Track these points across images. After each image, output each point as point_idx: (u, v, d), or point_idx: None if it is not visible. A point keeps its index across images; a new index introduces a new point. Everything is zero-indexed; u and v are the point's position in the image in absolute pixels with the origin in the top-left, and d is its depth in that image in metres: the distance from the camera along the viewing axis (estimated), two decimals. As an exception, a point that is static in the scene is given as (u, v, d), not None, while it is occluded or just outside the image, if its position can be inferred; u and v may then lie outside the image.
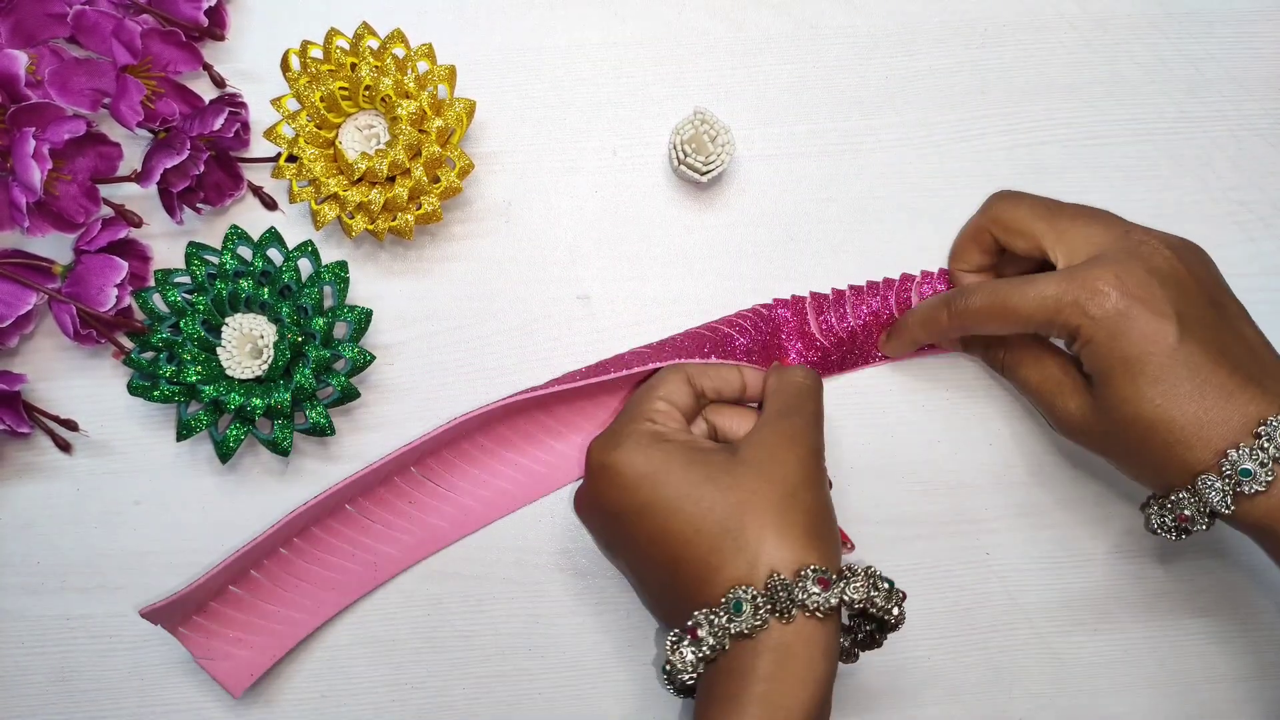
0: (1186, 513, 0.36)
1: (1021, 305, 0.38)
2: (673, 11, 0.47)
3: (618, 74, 0.46)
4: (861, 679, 0.43)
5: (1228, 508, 0.35)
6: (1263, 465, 0.34)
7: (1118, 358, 0.36)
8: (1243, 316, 0.39)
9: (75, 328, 0.41)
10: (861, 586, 0.34)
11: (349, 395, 0.41)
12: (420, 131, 0.41)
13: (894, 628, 0.36)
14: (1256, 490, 0.35)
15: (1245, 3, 0.48)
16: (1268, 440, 0.34)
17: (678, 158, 0.44)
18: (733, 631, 0.34)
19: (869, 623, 0.37)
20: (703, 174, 0.44)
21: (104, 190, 0.42)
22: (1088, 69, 0.47)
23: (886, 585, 0.35)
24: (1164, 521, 0.38)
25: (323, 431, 0.41)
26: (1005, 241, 0.41)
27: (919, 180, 0.46)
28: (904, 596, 0.36)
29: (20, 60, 0.39)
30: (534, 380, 0.44)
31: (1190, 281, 0.37)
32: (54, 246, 0.43)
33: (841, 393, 0.44)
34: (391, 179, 0.42)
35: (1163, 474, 0.37)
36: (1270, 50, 0.48)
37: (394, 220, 0.42)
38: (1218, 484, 0.35)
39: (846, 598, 0.34)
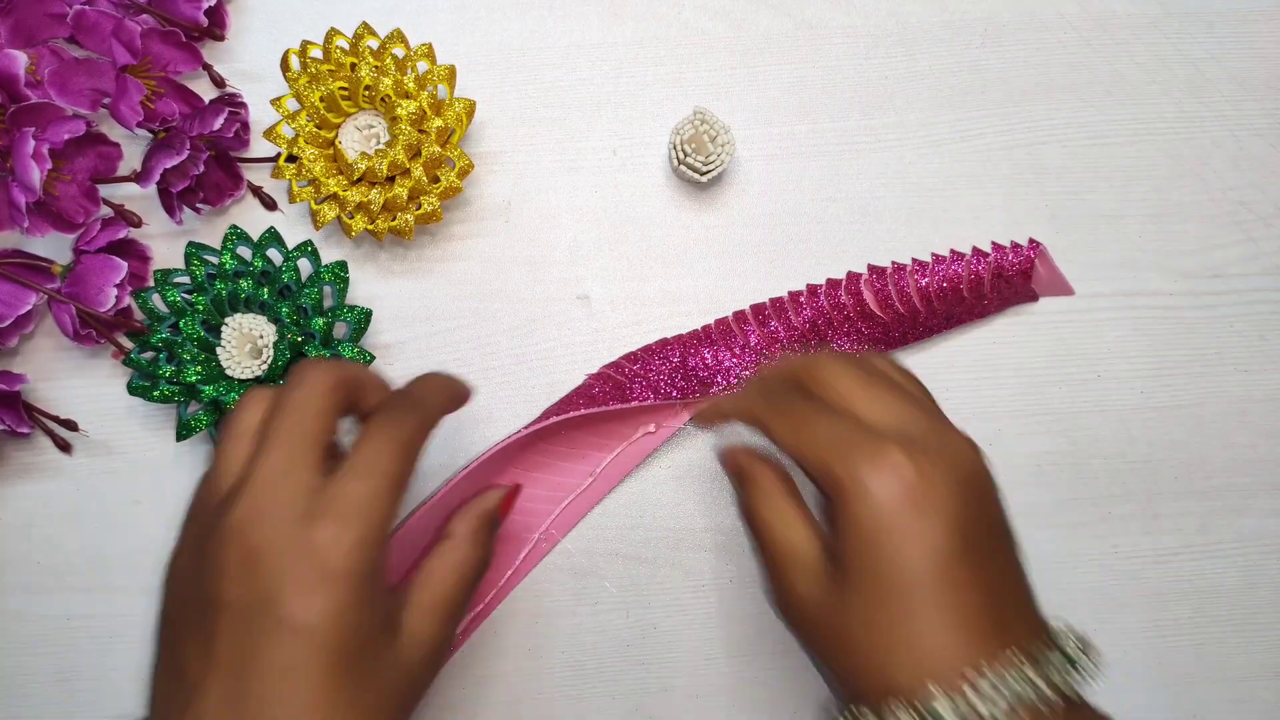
0: None
1: (807, 421, 0.33)
2: (673, 11, 0.47)
3: (618, 74, 0.46)
4: (861, 679, 0.43)
5: None
6: (958, 713, 0.29)
7: (877, 548, 0.30)
8: (1014, 551, 0.33)
9: (75, 328, 0.41)
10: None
11: (349, 395, 0.41)
12: (420, 131, 0.41)
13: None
14: None
15: (1245, 3, 0.48)
16: (972, 693, 0.29)
17: (678, 158, 0.44)
18: None
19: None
20: (703, 174, 0.44)
21: (104, 190, 0.42)
22: (1088, 69, 0.47)
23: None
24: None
25: (323, 431, 0.41)
26: (818, 394, 0.35)
27: (919, 180, 0.46)
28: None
29: (20, 60, 0.39)
30: (534, 379, 0.44)
31: (986, 494, 0.32)
32: (54, 246, 0.43)
33: (841, 393, 0.44)
34: (391, 179, 0.42)
35: (858, 682, 0.31)
36: (1270, 50, 0.48)
37: (394, 220, 0.42)
38: (903, 715, 0.29)
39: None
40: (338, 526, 0.29)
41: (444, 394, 0.35)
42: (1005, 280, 0.45)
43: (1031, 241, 0.45)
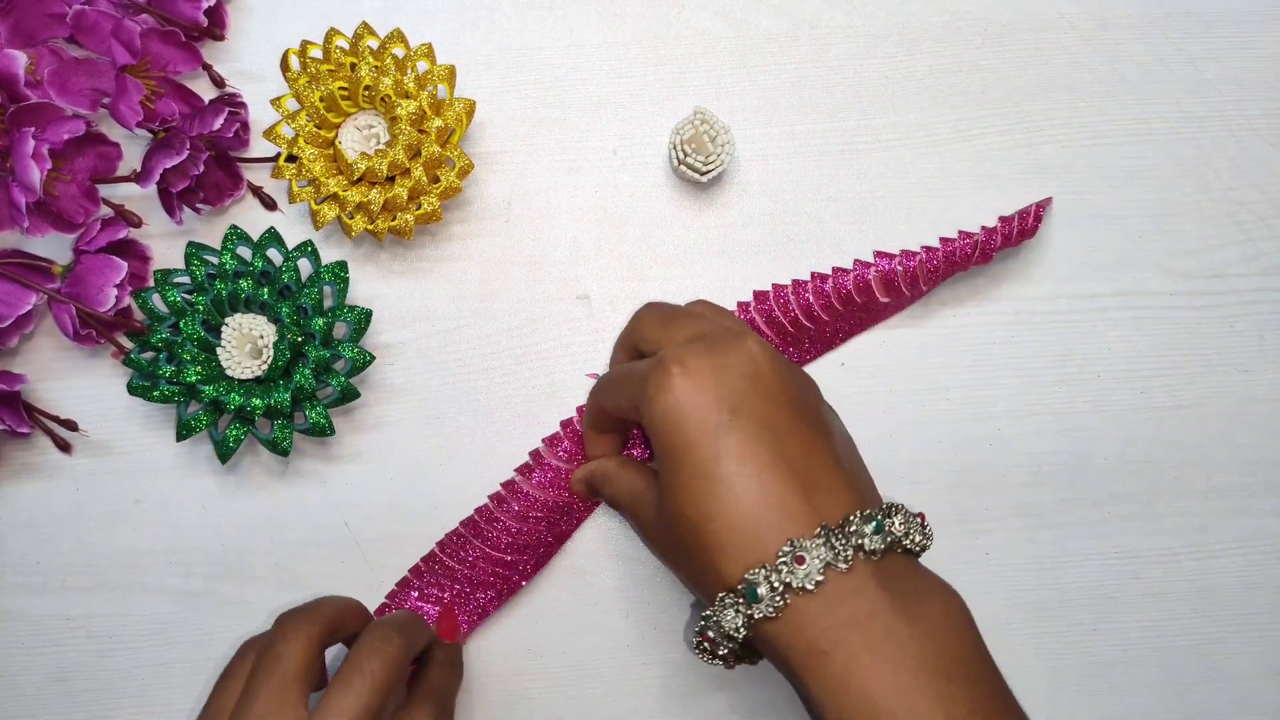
0: (710, 634, 0.32)
1: (614, 378, 0.36)
2: (673, 11, 0.47)
3: (618, 74, 0.46)
4: (861, 679, 0.43)
5: (738, 631, 0.31)
6: (773, 590, 0.30)
7: (669, 445, 0.33)
8: (828, 432, 0.34)
9: (75, 328, 0.41)
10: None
11: (349, 395, 0.41)
12: (420, 131, 0.41)
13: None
14: (766, 615, 0.30)
15: (1245, 3, 0.48)
16: (784, 566, 0.30)
17: (678, 158, 0.44)
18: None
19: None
20: (703, 174, 0.44)
21: (103, 190, 0.42)
22: (1088, 69, 0.47)
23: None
24: (691, 641, 0.33)
25: (323, 431, 0.41)
26: (642, 350, 0.38)
27: (919, 180, 0.46)
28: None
29: (20, 60, 0.39)
30: (534, 379, 0.44)
31: (772, 381, 0.33)
32: (54, 246, 0.43)
33: (842, 393, 0.44)
34: (391, 179, 0.42)
35: (703, 585, 0.33)
36: (1270, 50, 0.48)
37: (394, 220, 0.42)
38: (730, 605, 0.31)
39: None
40: None
41: (417, 631, 0.37)
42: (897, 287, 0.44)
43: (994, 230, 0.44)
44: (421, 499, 0.43)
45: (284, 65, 0.42)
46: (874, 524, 0.31)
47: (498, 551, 0.42)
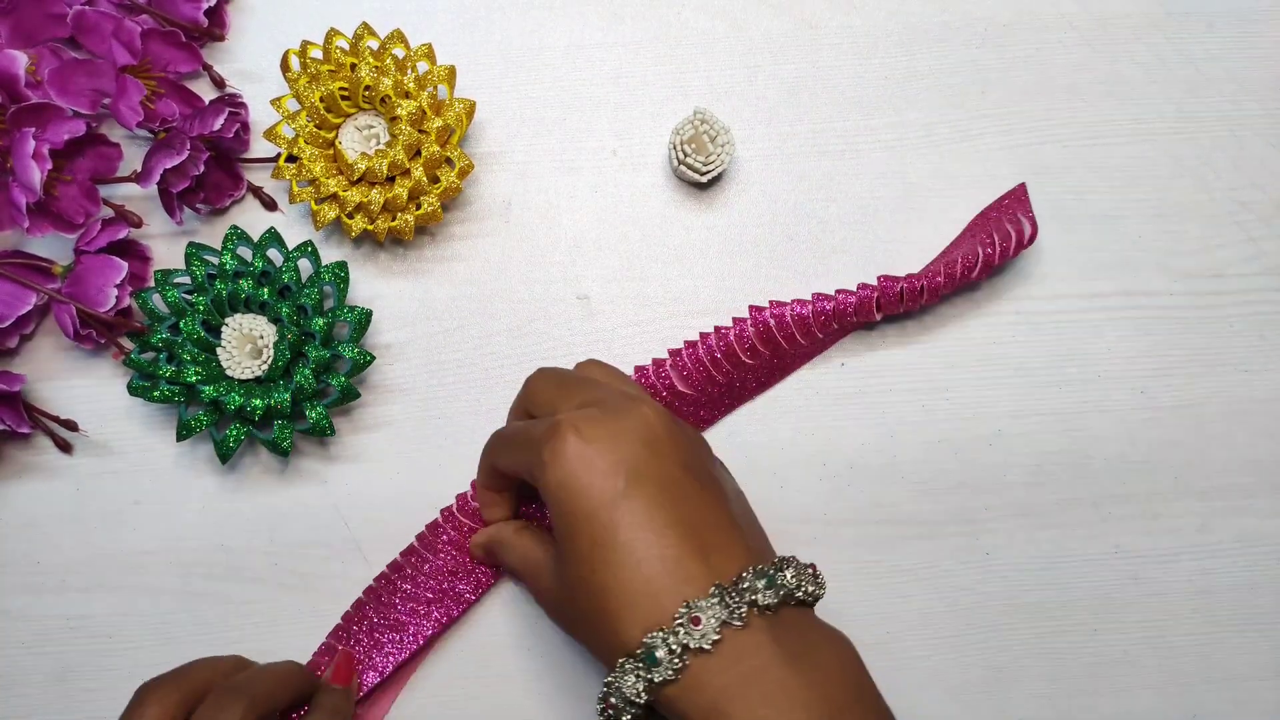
0: (613, 700, 0.32)
1: (507, 437, 0.37)
2: (673, 11, 0.47)
3: (618, 74, 0.46)
4: (861, 679, 0.43)
5: (639, 696, 0.31)
6: (672, 652, 0.30)
7: (565, 514, 0.33)
8: (722, 492, 0.35)
9: (75, 328, 0.41)
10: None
11: (349, 395, 0.41)
12: (420, 131, 0.41)
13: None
14: (666, 678, 0.30)
15: (1245, 3, 0.48)
16: (681, 628, 0.30)
17: (678, 158, 0.44)
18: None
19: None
20: (703, 174, 0.44)
21: (104, 190, 0.42)
22: (1088, 69, 0.47)
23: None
24: (599, 709, 0.33)
25: (323, 431, 0.41)
26: (536, 416, 0.38)
27: (919, 180, 0.46)
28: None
29: (20, 60, 0.39)
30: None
31: (666, 445, 0.34)
32: (54, 246, 0.43)
33: (842, 393, 0.44)
34: (391, 179, 0.42)
35: (605, 652, 0.33)
36: (1270, 50, 0.48)
37: (394, 220, 0.42)
38: (630, 670, 0.31)
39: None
40: None
41: (278, 683, 0.37)
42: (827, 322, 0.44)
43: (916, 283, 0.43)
44: (421, 499, 0.43)
45: (284, 65, 0.42)
46: (766, 579, 0.32)
47: (411, 601, 0.42)
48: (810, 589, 0.33)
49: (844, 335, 0.45)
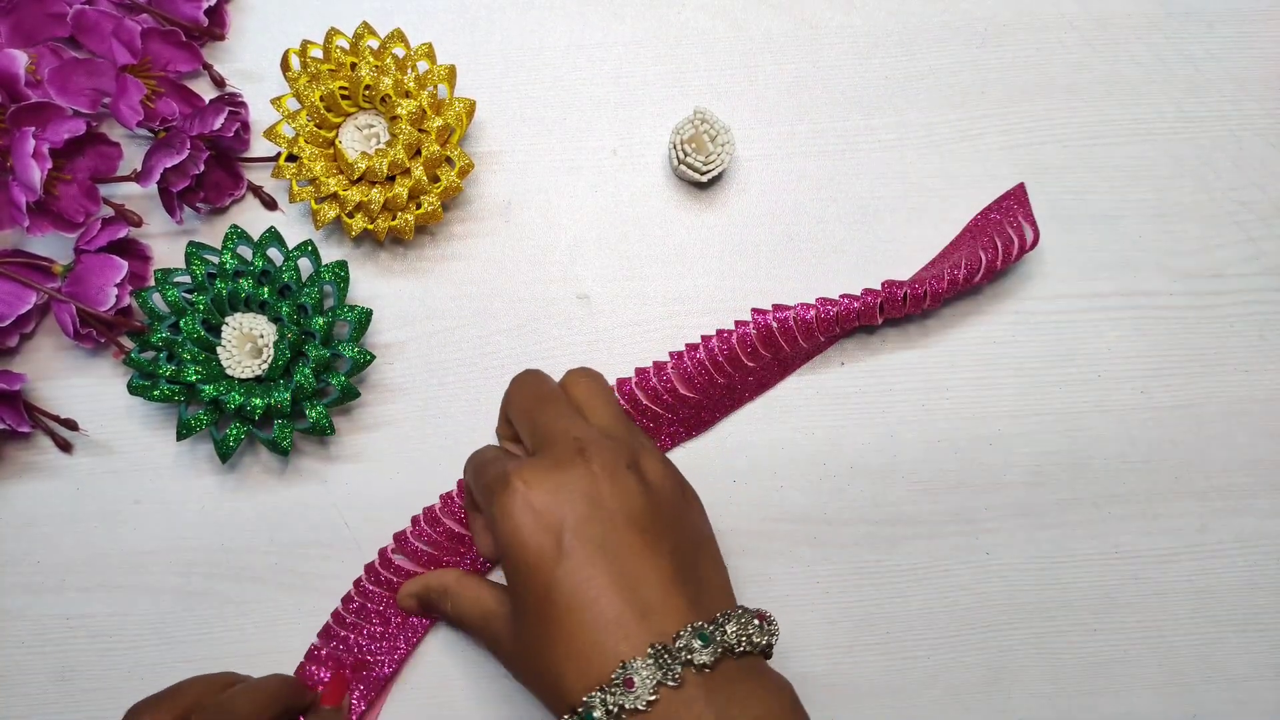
0: None
1: (475, 468, 0.37)
2: (673, 11, 0.47)
3: (618, 74, 0.46)
4: (861, 679, 0.43)
5: None
6: (609, 712, 0.31)
7: (514, 568, 0.34)
8: (669, 547, 0.34)
9: (75, 327, 0.41)
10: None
11: (349, 395, 0.41)
12: (420, 131, 0.41)
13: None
14: None
15: (1245, 3, 0.48)
16: (616, 688, 0.31)
17: (678, 158, 0.44)
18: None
19: None
20: (703, 174, 0.44)
21: (104, 190, 0.42)
22: (1088, 69, 0.47)
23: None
24: None
25: (323, 431, 0.41)
26: (510, 420, 0.39)
27: (919, 180, 0.46)
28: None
29: (20, 60, 0.39)
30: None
31: (610, 501, 0.34)
32: (54, 246, 0.43)
33: (843, 393, 0.44)
34: (391, 179, 0.42)
35: (552, 706, 0.33)
36: (1270, 50, 0.48)
37: (394, 220, 0.42)
38: None
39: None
40: None
41: (264, 700, 0.37)
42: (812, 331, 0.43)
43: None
44: (421, 499, 0.43)
45: (284, 65, 0.42)
46: (702, 638, 0.32)
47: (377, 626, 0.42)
48: (758, 640, 0.33)
49: (844, 336, 0.45)
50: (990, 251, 0.43)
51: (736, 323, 0.44)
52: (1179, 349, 0.45)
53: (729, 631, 0.32)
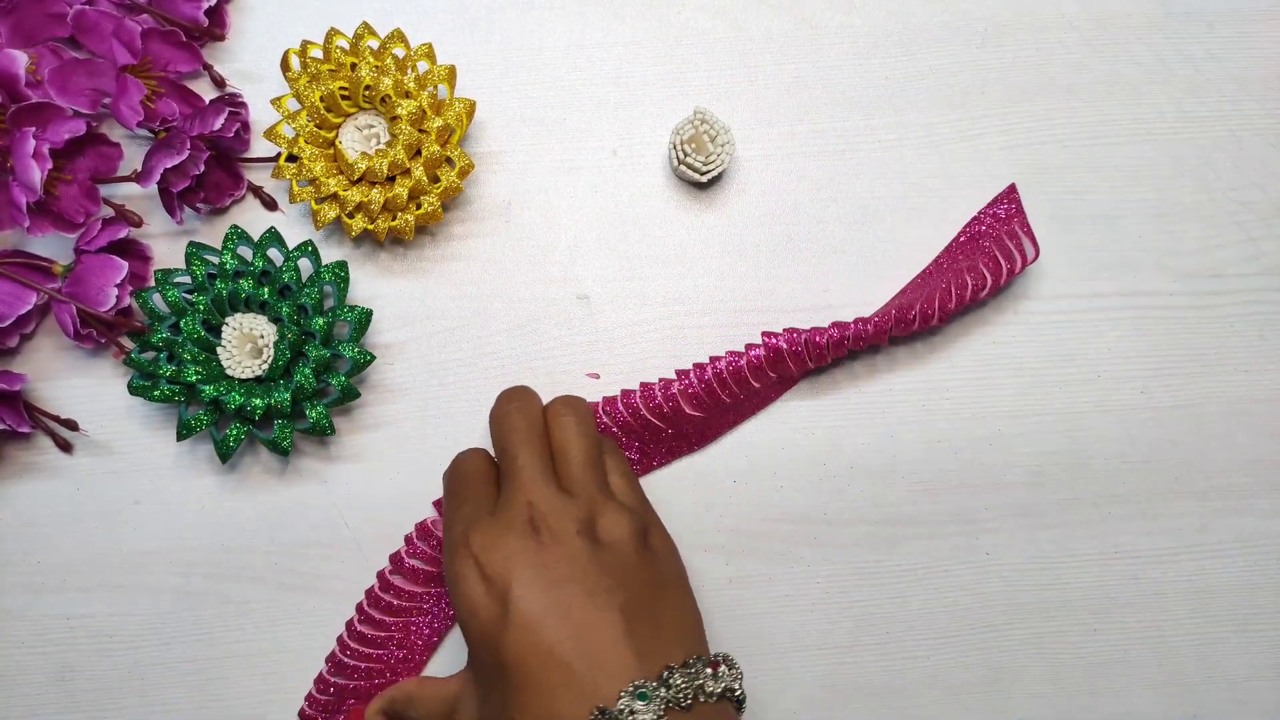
0: None
1: (450, 496, 0.38)
2: (673, 11, 0.47)
3: (618, 74, 0.46)
4: (861, 679, 0.43)
5: None
6: None
7: (467, 633, 0.35)
8: (618, 599, 0.34)
9: (75, 328, 0.41)
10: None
11: (349, 395, 0.41)
12: (420, 131, 0.41)
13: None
14: None
15: (1245, 3, 0.48)
16: None
17: (678, 158, 0.44)
18: None
19: None
20: (703, 174, 0.44)
21: (104, 190, 0.42)
22: (1088, 69, 0.47)
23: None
24: None
25: (323, 431, 0.41)
26: (493, 440, 0.40)
27: (919, 180, 0.46)
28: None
29: (20, 60, 0.39)
30: (534, 379, 0.44)
31: (553, 558, 0.34)
32: (54, 246, 0.43)
33: (842, 393, 0.44)
34: (391, 179, 0.42)
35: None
36: (1270, 50, 0.48)
37: (394, 220, 0.42)
38: None
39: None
40: None
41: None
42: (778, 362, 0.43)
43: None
44: (422, 500, 0.43)
45: (284, 65, 0.42)
46: (643, 697, 0.32)
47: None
48: (711, 689, 0.33)
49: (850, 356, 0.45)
50: (993, 269, 0.43)
51: (748, 345, 0.43)
52: (1179, 349, 0.46)
53: (676, 684, 0.32)
